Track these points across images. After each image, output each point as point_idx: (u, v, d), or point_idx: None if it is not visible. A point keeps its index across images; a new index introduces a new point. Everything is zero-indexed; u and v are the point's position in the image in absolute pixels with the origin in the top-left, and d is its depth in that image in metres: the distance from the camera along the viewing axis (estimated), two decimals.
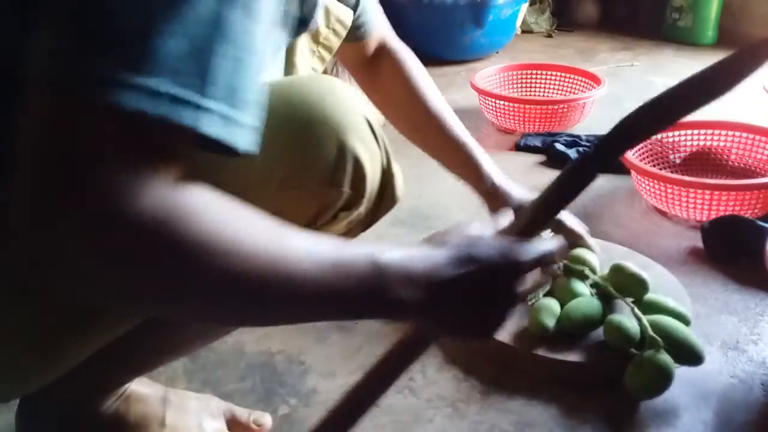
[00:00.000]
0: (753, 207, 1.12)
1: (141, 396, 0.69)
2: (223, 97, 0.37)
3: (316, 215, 0.58)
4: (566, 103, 1.58)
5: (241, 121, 0.38)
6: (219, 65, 0.37)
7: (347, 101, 0.58)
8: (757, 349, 0.87)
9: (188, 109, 0.36)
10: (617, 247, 1.04)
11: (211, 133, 0.37)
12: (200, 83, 0.36)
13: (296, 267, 0.41)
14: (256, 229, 0.41)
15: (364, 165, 0.58)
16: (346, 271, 0.44)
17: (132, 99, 0.34)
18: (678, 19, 2.52)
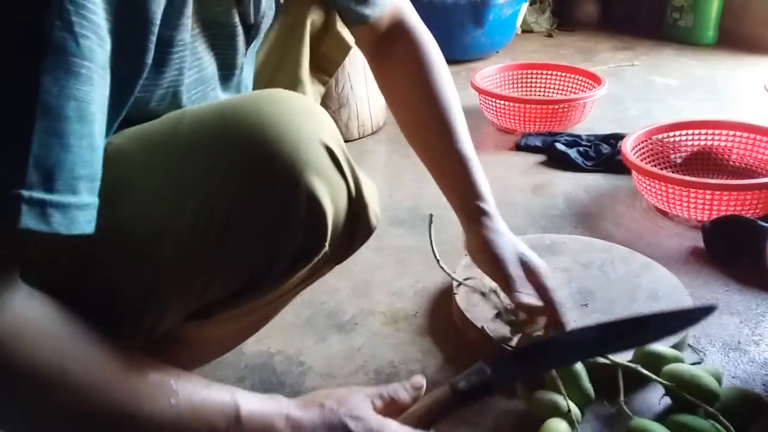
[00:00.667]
0: (754, 207, 1.12)
1: None
2: (41, 183, 0.34)
3: (268, 265, 0.50)
4: (566, 103, 1.58)
5: (68, 204, 0.36)
6: (34, 146, 0.33)
7: (303, 127, 0.49)
8: (759, 349, 0.87)
9: (6, 206, 0.33)
10: (618, 247, 1.03)
11: (29, 226, 0.34)
12: (9, 172, 0.33)
13: (147, 408, 0.42)
14: (111, 372, 0.41)
15: (323, 206, 0.49)
16: (204, 418, 0.44)
17: None
18: (679, 19, 2.52)
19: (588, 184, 1.37)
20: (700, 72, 2.16)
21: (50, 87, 0.33)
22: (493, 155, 1.54)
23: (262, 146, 0.47)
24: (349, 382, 0.82)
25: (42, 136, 0.33)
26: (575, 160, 1.45)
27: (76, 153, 0.35)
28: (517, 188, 1.36)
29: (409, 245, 1.14)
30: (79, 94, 0.35)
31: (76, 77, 0.34)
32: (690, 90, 1.99)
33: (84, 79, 0.35)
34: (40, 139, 0.33)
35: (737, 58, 2.30)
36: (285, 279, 0.52)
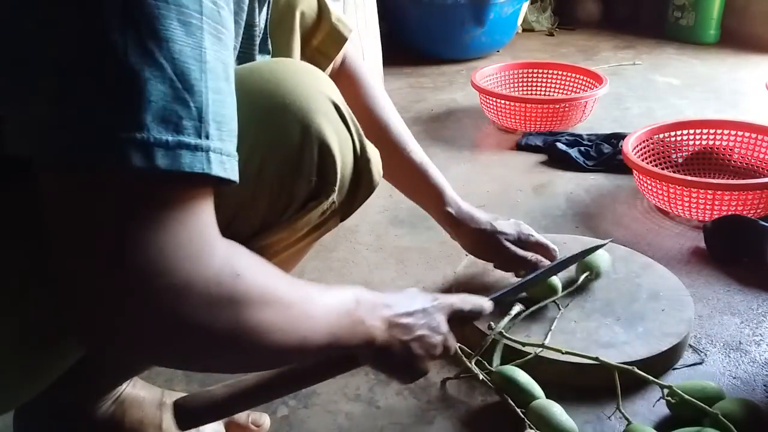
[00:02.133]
0: (755, 207, 1.12)
1: (137, 400, 0.68)
2: (217, 134, 0.37)
3: (283, 205, 0.55)
4: (568, 102, 1.58)
5: (231, 153, 0.39)
6: (207, 100, 0.36)
7: (311, 84, 0.55)
8: (760, 350, 0.87)
9: (195, 155, 0.36)
10: (619, 247, 1.03)
11: (218, 173, 0.37)
12: (198, 125, 0.36)
13: (317, 320, 0.49)
14: (290, 289, 0.47)
15: (332, 149, 0.55)
16: (343, 309, 0.52)
17: (138, 157, 0.34)
18: (680, 18, 2.51)
19: (589, 184, 1.37)
20: (702, 71, 2.16)
21: (210, 50, 0.37)
22: (494, 155, 1.54)
23: (276, 97, 0.52)
24: (349, 382, 0.82)
25: (212, 94, 0.37)
26: (576, 160, 1.44)
27: (229, 109, 0.39)
28: (517, 188, 1.36)
29: (409, 245, 1.14)
30: (224, 58, 0.38)
31: (220, 42, 0.38)
32: (691, 89, 1.98)
33: (224, 45, 0.39)
34: (212, 96, 0.37)
35: (739, 57, 2.30)
36: (297, 219, 0.56)
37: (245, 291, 0.41)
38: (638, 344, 0.81)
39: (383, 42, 1.82)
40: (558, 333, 0.83)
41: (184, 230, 0.37)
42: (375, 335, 0.55)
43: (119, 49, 0.33)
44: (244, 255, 0.43)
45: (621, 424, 0.74)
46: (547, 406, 0.72)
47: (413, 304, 0.61)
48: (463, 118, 1.79)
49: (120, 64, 0.33)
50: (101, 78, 0.34)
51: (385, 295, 0.60)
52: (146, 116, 0.34)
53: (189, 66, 0.36)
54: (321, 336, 0.49)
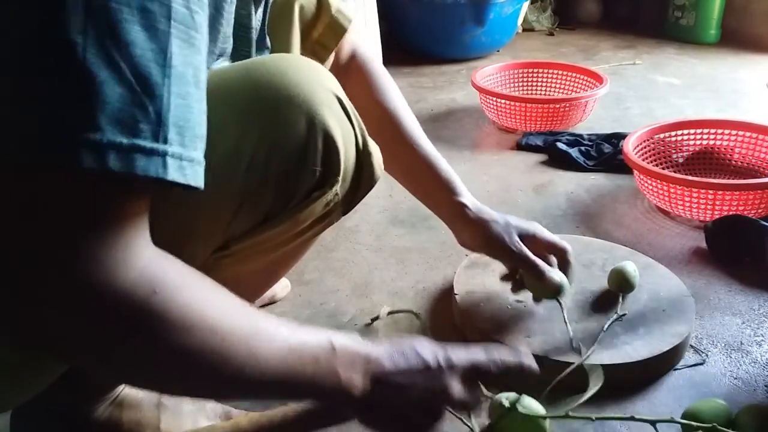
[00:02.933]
0: (756, 207, 1.11)
1: (135, 400, 0.68)
2: (177, 139, 0.37)
3: (288, 196, 0.55)
4: (568, 102, 1.57)
5: (194, 159, 0.38)
6: (168, 104, 0.36)
7: (315, 78, 0.55)
8: (761, 350, 0.86)
9: (151, 159, 0.35)
10: (619, 248, 1.03)
11: (175, 178, 0.36)
12: (156, 129, 0.36)
13: (265, 348, 0.44)
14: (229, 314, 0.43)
15: (336, 141, 0.55)
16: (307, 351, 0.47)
17: (90, 158, 0.33)
18: (680, 18, 2.51)
19: (589, 184, 1.36)
20: (702, 71, 2.16)
21: (177, 54, 0.37)
22: (494, 154, 1.53)
23: (281, 90, 0.53)
24: None
25: (175, 98, 0.37)
26: (577, 160, 1.44)
27: (196, 115, 0.39)
28: (518, 188, 1.35)
29: (409, 245, 1.14)
30: (195, 63, 0.38)
31: (192, 47, 0.38)
32: (692, 89, 1.98)
33: (196, 50, 0.38)
34: (175, 101, 0.36)
35: (739, 57, 2.29)
36: (301, 209, 0.56)
37: (161, 310, 0.39)
38: (639, 345, 0.80)
39: (383, 42, 1.82)
40: (558, 333, 0.83)
41: (105, 234, 0.37)
42: (351, 390, 0.50)
43: (78, 50, 0.33)
44: (174, 272, 0.41)
45: (622, 425, 0.74)
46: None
47: (413, 359, 0.54)
48: (463, 117, 1.79)
49: (78, 65, 0.33)
50: (59, 78, 0.33)
51: (376, 347, 0.53)
52: (101, 118, 0.34)
53: (150, 70, 0.35)
54: (266, 374, 0.44)
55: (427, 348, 0.55)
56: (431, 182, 0.84)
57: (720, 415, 0.69)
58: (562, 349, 0.80)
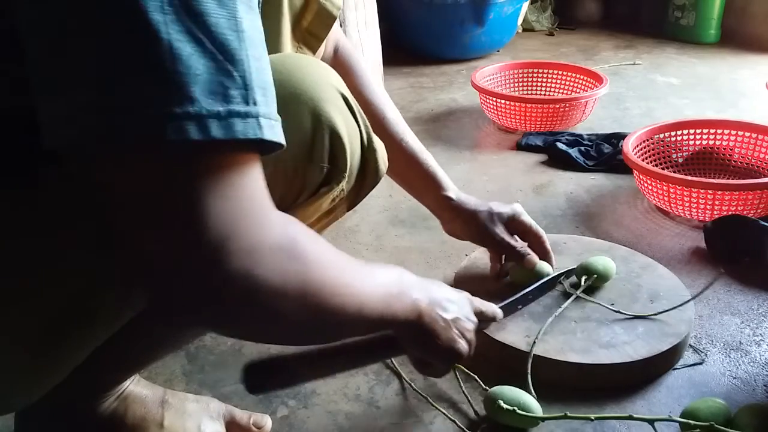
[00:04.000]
0: (756, 207, 1.12)
1: (139, 397, 0.68)
2: (263, 100, 0.38)
3: (296, 192, 0.57)
4: (568, 102, 1.57)
5: (277, 118, 0.40)
6: (249, 68, 0.37)
7: (321, 75, 0.56)
8: (760, 350, 0.87)
9: (247, 122, 0.37)
10: (619, 247, 1.03)
11: (270, 137, 0.38)
12: (245, 93, 0.37)
13: (371, 289, 0.51)
14: (344, 260, 0.48)
15: (342, 137, 0.56)
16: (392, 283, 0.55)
17: (195, 130, 0.35)
18: (680, 18, 2.51)
19: (589, 184, 1.37)
20: (702, 71, 2.16)
21: (245, 19, 0.37)
22: (494, 154, 1.54)
23: (287, 88, 0.54)
24: (349, 383, 0.82)
25: (253, 61, 0.38)
26: (576, 160, 1.44)
27: (269, 75, 0.40)
28: (518, 188, 1.35)
29: (409, 245, 1.14)
30: (259, 26, 0.39)
31: (253, 11, 0.39)
32: (692, 89, 1.98)
33: (256, 14, 0.39)
34: (253, 64, 0.37)
35: (739, 56, 2.30)
36: (309, 204, 0.58)
37: (305, 254, 0.43)
38: (638, 344, 0.81)
39: (383, 42, 1.81)
40: (558, 333, 0.83)
41: (246, 196, 0.39)
42: (420, 309, 0.58)
43: (162, 29, 0.34)
44: (294, 221, 0.44)
45: (622, 424, 0.74)
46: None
47: (448, 290, 0.65)
48: (463, 118, 1.79)
49: (164, 44, 0.34)
50: (148, 58, 0.34)
51: (426, 280, 0.62)
52: (195, 90, 0.35)
53: (227, 37, 0.36)
54: (376, 302, 0.51)
55: (446, 286, 0.65)
56: (417, 177, 0.88)
57: (718, 414, 0.69)
58: (562, 348, 0.80)
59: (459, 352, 0.63)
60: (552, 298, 0.90)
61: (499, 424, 0.74)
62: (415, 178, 0.88)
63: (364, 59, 0.88)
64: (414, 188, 0.90)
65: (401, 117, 0.88)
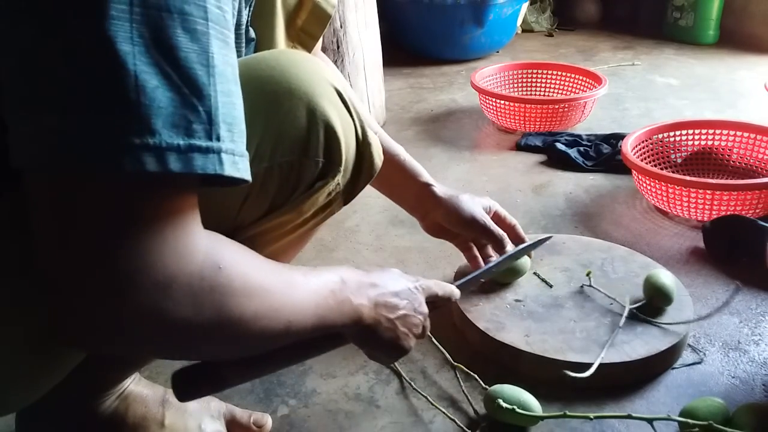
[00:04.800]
0: (754, 207, 1.12)
1: (140, 396, 0.69)
2: (228, 136, 0.38)
3: (292, 187, 0.57)
4: (567, 103, 1.58)
5: (243, 154, 0.40)
6: (216, 103, 0.37)
7: (314, 71, 0.57)
8: (759, 349, 0.87)
9: (208, 157, 0.37)
10: (618, 247, 1.03)
11: (231, 173, 0.38)
12: (208, 128, 0.37)
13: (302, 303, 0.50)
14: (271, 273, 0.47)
15: (336, 131, 0.57)
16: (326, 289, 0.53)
17: (152, 161, 0.35)
18: (679, 18, 2.52)
19: (588, 184, 1.37)
20: (701, 71, 2.16)
21: (217, 54, 0.38)
22: (494, 155, 1.54)
23: (281, 84, 0.55)
24: (349, 382, 0.82)
25: (221, 96, 0.38)
26: (575, 160, 1.44)
27: (238, 111, 0.40)
28: (517, 188, 1.36)
29: (409, 245, 1.14)
30: (231, 61, 0.39)
31: (227, 46, 0.39)
32: (690, 89, 1.98)
33: (230, 48, 0.40)
34: (221, 99, 0.38)
35: (738, 57, 2.30)
36: (305, 199, 0.59)
37: (227, 283, 0.42)
38: (637, 344, 0.81)
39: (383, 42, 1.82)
40: (557, 333, 0.83)
41: (170, 229, 0.38)
42: (362, 313, 0.57)
43: (129, 59, 0.34)
44: (226, 247, 0.44)
45: (621, 423, 0.74)
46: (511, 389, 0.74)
47: (398, 284, 0.63)
48: (463, 118, 1.79)
49: (130, 75, 0.34)
50: (112, 88, 0.34)
51: (370, 273, 0.61)
52: (157, 122, 0.35)
53: (196, 72, 0.37)
54: (307, 318, 0.51)
55: (403, 276, 0.66)
56: (395, 170, 0.87)
57: (717, 413, 0.70)
58: (562, 348, 0.81)
59: (402, 348, 0.64)
60: (552, 298, 0.90)
61: (498, 423, 0.74)
62: (393, 172, 0.87)
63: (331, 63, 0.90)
64: (392, 181, 0.89)
65: (369, 113, 0.89)
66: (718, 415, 0.70)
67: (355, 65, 1.57)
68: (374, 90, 1.63)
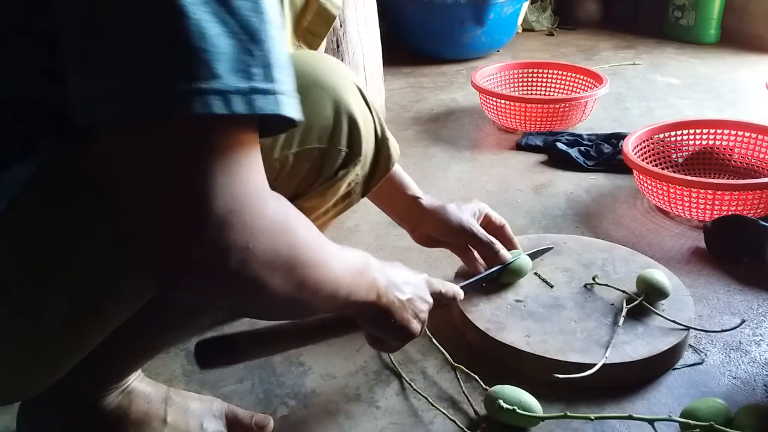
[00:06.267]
0: (756, 207, 1.12)
1: (143, 393, 0.69)
2: (282, 77, 0.40)
3: (316, 173, 0.61)
4: (568, 102, 1.58)
5: (294, 95, 0.42)
6: (269, 47, 0.39)
7: (338, 70, 0.62)
8: (760, 350, 0.87)
9: (267, 98, 0.39)
10: (619, 247, 1.03)
11: (288, 113, 0.40)
12: (266, 71, 0.39)
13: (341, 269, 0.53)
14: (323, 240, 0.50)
15: (358, 124, 0.61)
16: (357, 265, 0.58)
17: (219, 104, 0.37)
18: (680, 18, 2.51)
19: (589, 184, 1.37)
20: (702, 71, 2.16)
21: (265, 1, 0.39)
22: (494, 154, 1.54)
23: (309, 77, 0.58)
24: (349, 383, 0.82)
25: (272, 41, 0.40)
26: (576, 160, 1.44)
27: (285, 54, 0.42)
28: (517, 188, 1.35)
29: (409, 245, 1.14)
30: (275, 8, 0.41)
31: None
32: (691, 89, 1.98)
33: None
34: (272, 44, 0.40)
35: (739, 57, 2.30)
36: (328, 187, 0.62)
37: (294, 228, 0.45)
38: (638, 344, 0.81)
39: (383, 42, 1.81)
40: (558, 333, 0.83)
41: (250, 173, 0.41)
42: (379, 289, 0.61)
43: (190, 9, 0.36)
44: (283, 199, 0.46)
45: (622, 424, 0.74)
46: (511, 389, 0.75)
47: (406, 272, 0.69)
48: (463, 118, 1.79)
49: (192, 23, 0.36)
50: (177, 37, 0.36)
51: (390, 264, 0.67)
52: (220, 67, 0.37)
53: (250, 18, 0.38)
54: (347, 282, 0.54)
55: (407, 268, 0.70)
56: (385, 182, 0.84)
57: (718, 414, 0.70)
58: (562, 348, 0.80)
59: (411, 331, 0.67)
60: (552, 298, 0.90)
61: (499, 424, 0.74)
62: (383, 183, 0.84)
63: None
64: (381, 192, 0.85)
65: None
66: (719, 415, 0.69)
67: (355, 65, 1.57)
68: (374, 89, 1.63)
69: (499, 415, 0.73)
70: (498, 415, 0.73)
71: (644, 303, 0.87)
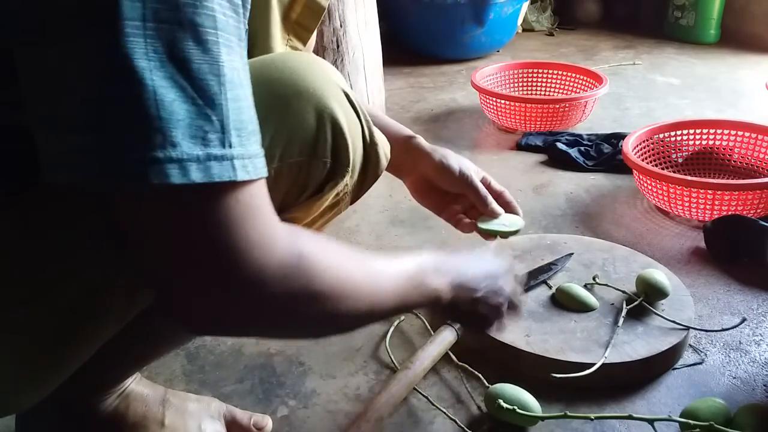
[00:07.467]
0: (755, 207, 1.12)
1: (141, 396, 0.69)
2: (238, 141, 0.39)
3: (301, 188, 0.59)
4: (568, 102, 1.58)
5: (254, 154, 0.41)
6: (227, 111, 0.39)
7: (322, 73, 0.58)
8: (760, 349, 0.87)
9: (223, 164, 0.38)
10: (619, 247, 1.03)
11: (243, 177, 0.39)
12: (221, 136, 0.38)
13: (383, 288, 0.53)
14: (354, 263, 0.50)
15: (344, 131, 0.58)
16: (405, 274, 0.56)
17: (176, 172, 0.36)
18: (680, 18, 2.51)
19: (589, 184, 1.37)
20: (702, 71, 2.16)
21: (226, 62, 0.39)
22: (494, 154, 1.54)
23: (290, 86, 0.56)
24: (349, 383, 0.82)
25: (231, 104, 0.39)
26: (576, 160, 1.44)
27: (247, 113, 0.41)
28: (517, 188, 1.36)
29: (409, 245, 1.14)
30: (238, 65, 0.40)
31: (233, 51, 0.40)
32: (691, 89, 1.98)
33: (237, 53, 0.40)
34: (231, 106, 0.39)
35: (739, 57, 2.30)
36: (314, 201, 0.60)
37: (310, 265, 0.44)
38: (638, 344, 0.81)
39: (383, 42, 1.81)
40: (558, 333, 0.83)
41: (248, 225, 0.40)
42: (439, 295, 0.60)
43: (146, 75, 0.35)
44: (303, 235, 0.46)
45: (622, 424, 0.74)
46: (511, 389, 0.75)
47: (480, 266, 0.66)
48: (463, 118, 1.79)
49: (148, 90, 0.35)
50: (133, 104, 0.35)
51: (453, 256, 0.64)
52: (177, 134, 0.36)
53: (209, 82, 0.37)
54: (389, 301, 0.54)
55: (491, 257, 0.69)
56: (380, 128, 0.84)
57: (718, 414, 0.70)
58: (562, 348, 0.80)
59: (486, 322, 0.67)
60: (552, 298, 0.90)
61: (499, 423, 0.74)
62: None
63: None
64: None
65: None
66: (719, 415, 0.69)
67: (355, 65, 1.57)
68: (374, 90, 1.63)
69: (499, 415, 0.73)
70: (498, 414, 0.73)
71: (644, 303, 0.87)
